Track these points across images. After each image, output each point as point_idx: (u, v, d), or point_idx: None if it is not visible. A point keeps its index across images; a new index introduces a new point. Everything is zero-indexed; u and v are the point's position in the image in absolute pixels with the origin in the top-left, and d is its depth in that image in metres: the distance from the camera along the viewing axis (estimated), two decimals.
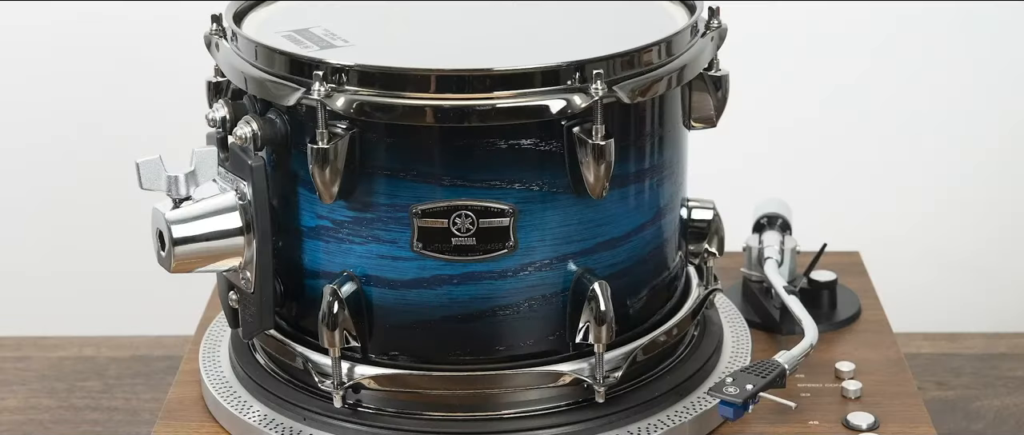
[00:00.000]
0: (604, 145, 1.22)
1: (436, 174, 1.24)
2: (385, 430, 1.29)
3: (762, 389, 1.29)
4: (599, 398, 1.28)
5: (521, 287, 1.27)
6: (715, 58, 1.34)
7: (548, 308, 1.28)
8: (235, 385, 1.37)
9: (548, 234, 1.26)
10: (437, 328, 1.28)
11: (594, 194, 1.24)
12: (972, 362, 1.67)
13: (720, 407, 1.29)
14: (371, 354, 1.30)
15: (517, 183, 1.24)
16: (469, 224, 1.24)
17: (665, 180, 1.32)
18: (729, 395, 1.28)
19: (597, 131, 1.21)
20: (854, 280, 1.60)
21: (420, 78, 1.21)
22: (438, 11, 1.38)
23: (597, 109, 1.21)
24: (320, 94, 1.20)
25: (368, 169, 1.24)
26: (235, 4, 1.36)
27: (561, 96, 1.21)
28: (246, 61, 1.28)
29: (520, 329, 1.28)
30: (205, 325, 1.50)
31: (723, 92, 1.33)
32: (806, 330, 1.38)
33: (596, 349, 1.27)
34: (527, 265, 1.26)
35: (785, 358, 1.32)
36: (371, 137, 1.23)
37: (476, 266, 1.25)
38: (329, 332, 1.26)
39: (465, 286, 1.26)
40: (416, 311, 1.27)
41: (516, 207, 1.24)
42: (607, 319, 1.26)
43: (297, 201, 1.29)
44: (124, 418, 1.58)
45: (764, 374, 1.30)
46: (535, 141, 1.23)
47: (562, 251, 1.27)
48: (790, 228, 1.54)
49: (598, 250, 1.28)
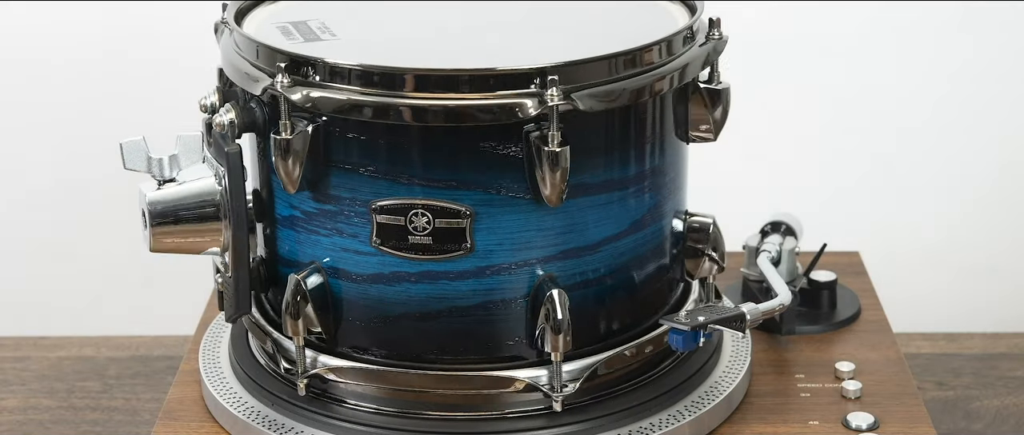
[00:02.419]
0: (559, 152, 1.20)
1: (394, 172, 1.24)
2: (384, 429, 1.29)
3: (714, 322, 1.28)
4: (557, 407, 1.27)
5: (479, 290, 1.26)
6: (715, 70, 1.32)
7: (507, 313, 1.27)
8: (235, 385, 1.37)
9: (507, 239, 1.25)
10: (397, 325, 1.28)
11: (550, 201, 1.22)
12: (972, 362, 1.67)
13: (670, 336, 1.28)
14: (339, 346, 1.31)
15: (475, 185, 1.23)
16: (425, 223, 1.24)
17: (646, 191, 1.30)
18: (679, 322, 1.27)
19: (553, 138, 1.20)
20: (854, 280, 1.60)
21: (378, 75, 1.21)
22: (444, 11, 1.38)
23: (553, 116, 1.20)
24: (282, 86, 1.21)
25: (332, 163, 1.25)
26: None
27: (516, 101, 1.20)
28: (234, 50, 1.30)
29: (478, 332, 1.28)
30: (205, 325, 1.50)
31: (723, 106, 1.31)
32: (779, 293, 1.38)
33: (553, 358, 1.26)
34: (485, 268, 1.25)
35: (748, 308, 1.31)
36: (334, 131, 1.24)
37: (433, 265, 1.26)
38: (292, 321, 1.28)
39: (422, 285, 1.26)
40: (377, 306, 1.28)
41: (473, 209, 1.24)
42: (563, 328, 1.24)
43: (273, 190, 1.30)
44: (124, 418, 1.58)
45: (721, 313, 1.29)
46: (494, 144, 1.22)
47: (522, 257, 1.26)
48: (795, 234, 1.53)
49: (562, 258, 1.26)
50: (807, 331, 1.49)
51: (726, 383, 1.36)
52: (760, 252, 1.50)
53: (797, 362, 1.44)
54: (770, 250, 1.50)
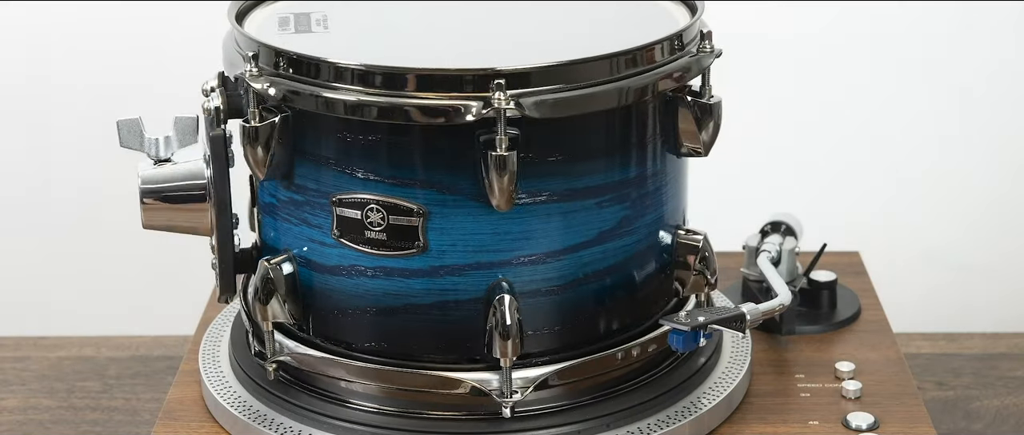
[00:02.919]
0: (507, 157, 1.19)
1: (352, 166, 1.25)
2: (385, 429, 1.29)
3: (714, 322, 1.27)
4: (505, 413, 1.26)
5: (433, 289, 1.26)
6: (706, 83, 1.29)
7: (461, 314, 1.27)
8: (235, 385, 1.37)
9: (460, 240, 1.25)
10: (356, 318, 1.29)
11: (499, 206, 1.21)
12: (972, 362, 1.67)
13: (670, 336, 1.28)
14: (312, 335, 1.32)
15: (428, 185, 1.23)
16: (380, 219, 1.25)
17: (617, 202, 1.28)
18: (679, 322, 1.27)
19: (500, 142, 1.19)
20: (854, 280, 1.60)
21: (336, 70, 1.22)
22: (448, 11, 1.38)
23: (500, 120, 1.19)
24: (250, 75, 1.24)
25: (298, 153, 1.27)
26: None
27: (460, 103, 1.20)
28: (231, 37, 1.32)
29: (433, 331, 1.28)
30: (205, 325, 1.50)
31: (714, 122, 1.29)
32: (779, 293, 1.37)
33: (502, 363, 1.25)
34: (439, 268, 1.25)
35: (748, 308, 1.31)
36: (302, 122, 1.26)
37: (388, 261, 1.26)
38: (261, 306, 1.29)
39: (378, 280, 1.27)
40: (339, 298, 1.29)
41: (426, 208, 1.24)
42: (511, 334, 1.24)
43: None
44: (124, 418, 1.58)
45: (721, 313, 1.29)
46: (447, 145, 1.22)
47: (476, 259, 1.25)
48: (795, 234, 1.53)
49: (518, 263, 1.26)
50: (807, 331, 1.49)
51: (726, 383, 1.36)
52: (760, 252, 1.50)
53: (797, 362, 1.44)
54: (770, 250, 1.50)
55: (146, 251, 2.01)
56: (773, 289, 1.40)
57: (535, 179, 1.23)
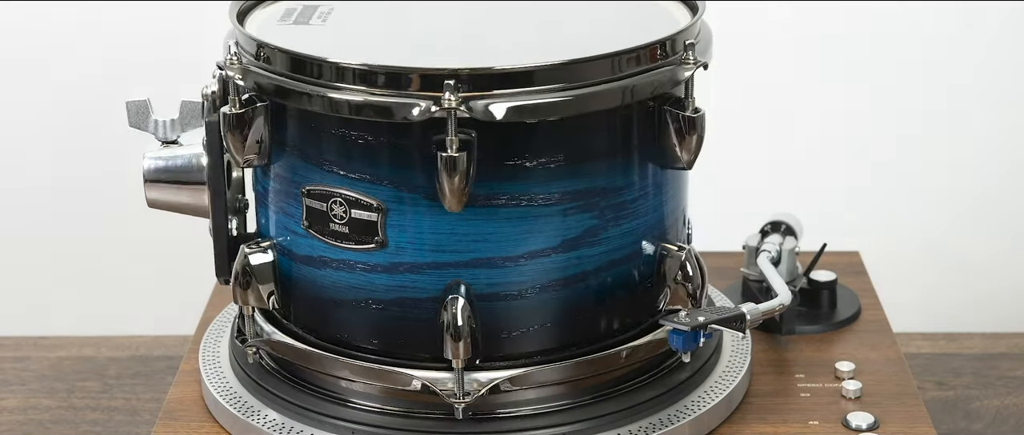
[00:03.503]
0: (457, 158, 1.19)
1: (319, 158, 1.26)
2: (387, 430, 1.29)
3: (714, 322, 1.27)
4: (458, 415, 1.26)
5: (393, 286, 1.26)
6: (688, 96, 1.26)
7: (419, 312, 1.26)
8: (235, 385, 1.37)
9: (417, 238, 1.25)
10: (323, 308, 1.30)
11: (450, 207, 1.21)
12: (972, 362, 1.67)
13: (670, 336, 1.28)
14: (293, 323, 1.34)
15: (387, 181, 1.24)
16: (342, 212, 1.26)
17: (583, 210, 1.25)
18: (679, 322, 1.26)
19: (451, 143, 1.19)
20: (854, 280, 1.60)
21: (295, 62, 1.24)
22: (454, 11, 1.38)
23: (451, 121, 1.18)
24: (227, 63, 1.26)
25: (277, 143, 1.28)
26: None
27: (410, 101, 1.19)
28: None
29: (390, 327, 1.28)
30: (205, 325, 1.50)
31: (697, 135, 1.26)
32: (779, 293, 1.37)
33: (454, 364, 1.25)
34: (398, 265, 1.26)
35: (748, 308, 1.31)
36: (280, 113, 1.27)
37: (351, 255, 1.27)
38: (241, 291, 1.32)
39: (342, 272, 1.28)
40: (309, 287, 1.31)
41: (385, 205, 1.24)
42: (462, 335, 1.24)
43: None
44: (124, 418, 1.58)
45: (721, 313, 1.28)
46: (404, 143, 1.23)
47: (434, 259, 1.25)
48: (795, 234, 1.53)
49: (475, 266, 1.25)
50: (807, 331, 1.49)
51: (726, 383, 1.36)
52: (760, 252, 1.50)
53: (797, 362, 1.44)
54: (770, 250, 1.50)
55: (146, 251, 2.01)
56: (773, 289, 1.41)
57: (493, 182, 1.23)
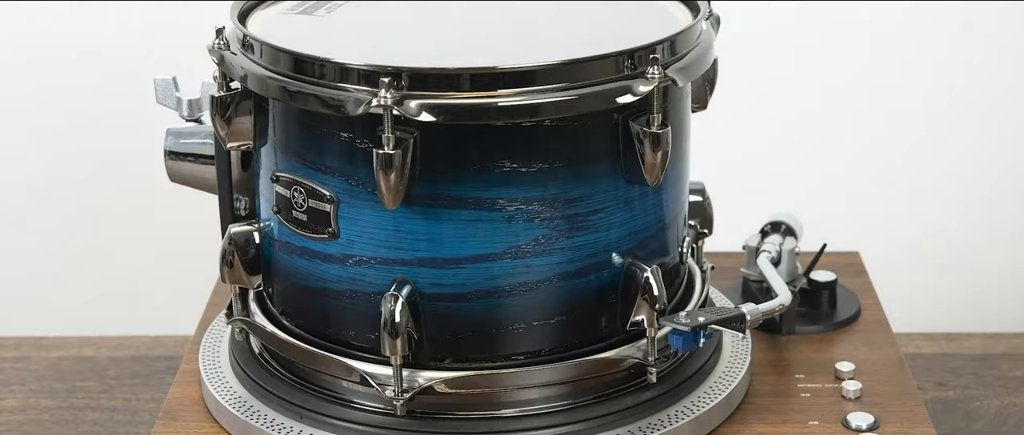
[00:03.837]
0: (392, 155, 1.19)
1: (286, 146, 1.28)
2: (391, 430, 1.29)
3: (714, 323, 1.27)
4: (399, 412, 1.26)
5: (344, 277, 1.27)
6: (651, 112, 1.22)
7: (368, 305, 1.27)
8: (235, 385, 1.37)
9: (365, 232, 1.25)
10: (292, 294, 1.33)
11: (386, 203, 1.21)
12: (972, 362, 1.67)
13: (670, 336, 1.27)
14: (274, 306, 1.36)
15: (339, 173, 1.25)
16: (302, 200, 1.27)
17: (528, 218, 1.24)
18: (679, 323, 1.26)
19: (388, 140, 1.19)
20: (854, 280, 1.60)
21: (263, 50, 1.25)
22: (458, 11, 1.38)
23: (387, 118, 1.18)
24: (212, 48, 1.29)
25: (259, 129, 1.30)
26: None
27: (349, 95, 1.20)
28: None
29: (343, 318, 1.29)
30: (205, 325, 1.50)
31: (662, 151, 1.23)
32: (779, 293, 1.37)
33: (392, 361, 1.25)
34: (349, 257, 1.27)
35: (748, 308, 1.31)
36: (263, 102, 1.29)
37: (309, 243, 1.28)
38: (228, 270, 1.34)
39: (303, 260, 1.29)
40: (281, 273, 1.33)
41: (337, 196, 1.25)
42: (399, 333, 1.24)
43: None
44: (124, 418, 1.58)
45: (721, 313, 1.29)
46: (353, 137, 1.23)
47: (380, 254, 1.25)
48: (795, 234, 1.53)
49: (419, 264, 1.25)
50: (807, 331, 1.49)
51: (726, 383, 1.36)
52: (760, 252, 1.50)
53: (797, 362, 1.44)
54: (770, 250, 1.50)
55: (146, 251, 2.01)
56: (773, 289, 1.41)
57: (438, 183, 1.23)
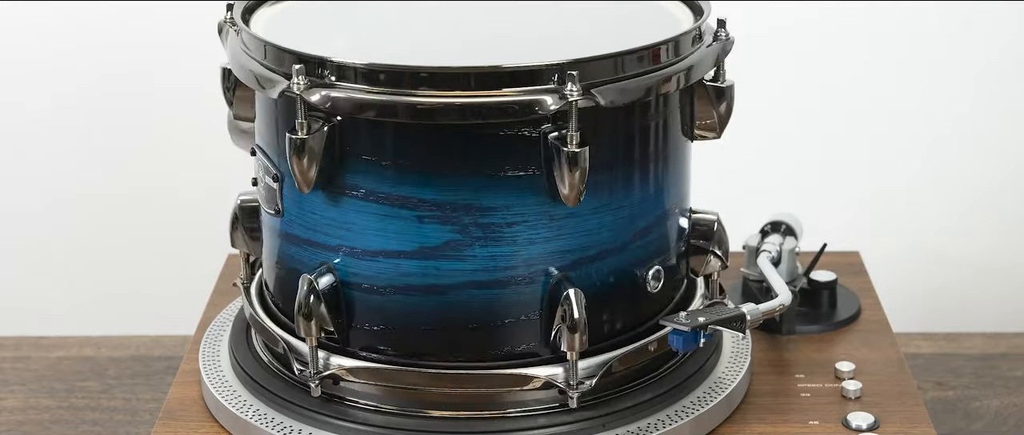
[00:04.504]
0: (305, 140, 1.22)
1: (257, 122, 1.33)
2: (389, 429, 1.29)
3: (714, 323, 1.27)
4: (314, 392, 1.29)
5: (286, 256, 1.32)
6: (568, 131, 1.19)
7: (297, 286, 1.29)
8: (235, 385, 1.37)
9: (298, 216, 1.29)
10: (266, 267, 1.38)
11: (299, 188, 1.24)
12: (972, 362, 1.67)
13: (670, 337, 1.28)
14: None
15: (281, 154, 1.27)
16: (263, 175, 1.32)
17: (440, 222, 1.23)
18: (679, 323, 1.27)
19: (300, 126, 1.22)
20: (854, 280, 1.60)
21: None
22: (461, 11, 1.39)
23: (299, 104, 1.21)
24: (220, 27, 1.34)
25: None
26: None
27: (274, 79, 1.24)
28: None
29: (287, 296, 1.32)
30: (205, 325, 1.50)
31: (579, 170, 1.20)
32: (779, 293, 1.38)
33: (307, 342, 1.28)
34: (289, 235, 1.31)
35: (748, 308, 1.31)
36: None
37: (269, 218, 1.33)
38: (233, 232, 1.40)
39: (266, 233, 1.35)
40: (259, 244, 1.38)
41: (280, 175, 1.29)
42: (312, 315, 1.26)
43: None
44: (124, 418, 1.58)
45: (721, 314, 1.29)
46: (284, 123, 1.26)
47: (310, 237, 1.28)
48: (795, 234, 1.53)
49: (340, 252, 1.27)
50: (807, 331, 1.49)
51: (726, 383, 1.36)
52: (760, 252, 1.50)
53: (797, 362, 1.44)
54: (770, 250, 1.50)
55: (146, 251, 2.01)
56: (773, 289, 1.41)
57: (354, 174, 1.24)
